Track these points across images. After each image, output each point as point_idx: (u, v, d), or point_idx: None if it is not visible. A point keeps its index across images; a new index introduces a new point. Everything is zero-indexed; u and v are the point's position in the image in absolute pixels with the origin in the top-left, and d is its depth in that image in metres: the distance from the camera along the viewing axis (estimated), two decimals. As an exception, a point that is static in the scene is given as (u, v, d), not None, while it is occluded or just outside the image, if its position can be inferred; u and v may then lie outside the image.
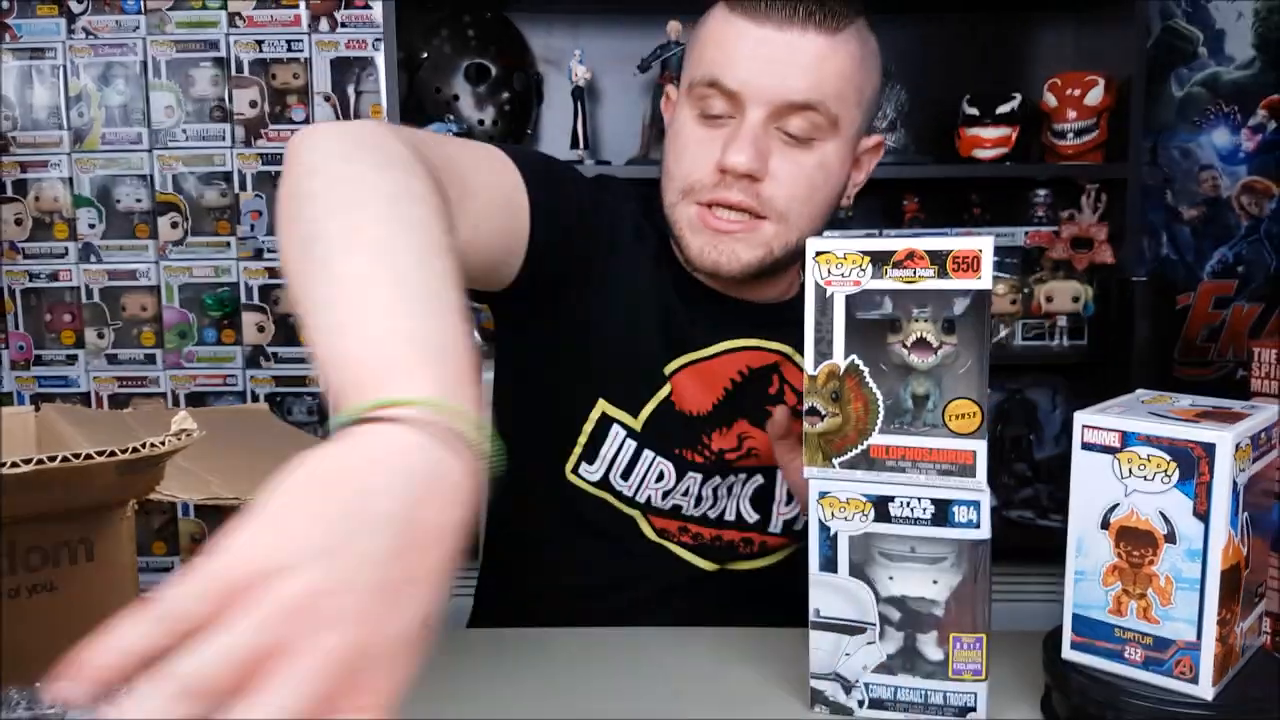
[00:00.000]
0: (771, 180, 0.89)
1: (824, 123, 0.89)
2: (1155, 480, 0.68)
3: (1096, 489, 0.71)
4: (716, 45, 0.90)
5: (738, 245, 0.90)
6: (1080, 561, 0.73)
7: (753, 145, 0.87)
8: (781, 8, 0.87)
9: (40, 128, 2.20)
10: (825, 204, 0.94)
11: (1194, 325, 2.23)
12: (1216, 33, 2.15)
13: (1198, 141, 2.19)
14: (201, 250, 2.23)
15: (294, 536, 0.40)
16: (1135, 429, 0.69)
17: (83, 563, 0.51)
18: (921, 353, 0.72)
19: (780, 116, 0.88)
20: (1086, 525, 0.72)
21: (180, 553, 2.29)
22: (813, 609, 0.77)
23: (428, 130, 1.34)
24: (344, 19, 2.19)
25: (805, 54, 0.87)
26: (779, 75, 0.87)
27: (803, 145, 0.90)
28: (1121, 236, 1.94)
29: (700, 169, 0.90)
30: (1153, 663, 0.70)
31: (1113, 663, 0.72)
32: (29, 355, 2.26)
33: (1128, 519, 0.70)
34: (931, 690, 0.74)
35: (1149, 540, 0.69)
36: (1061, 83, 1.97)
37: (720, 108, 0.89)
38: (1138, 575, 0.70)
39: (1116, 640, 0.72)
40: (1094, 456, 0.71)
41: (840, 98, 0.90)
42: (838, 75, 0.89)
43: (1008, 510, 2.10)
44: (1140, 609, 0.70)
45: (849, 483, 0.75)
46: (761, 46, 0.87)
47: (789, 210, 0.90)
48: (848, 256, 0.73)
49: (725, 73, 0.88)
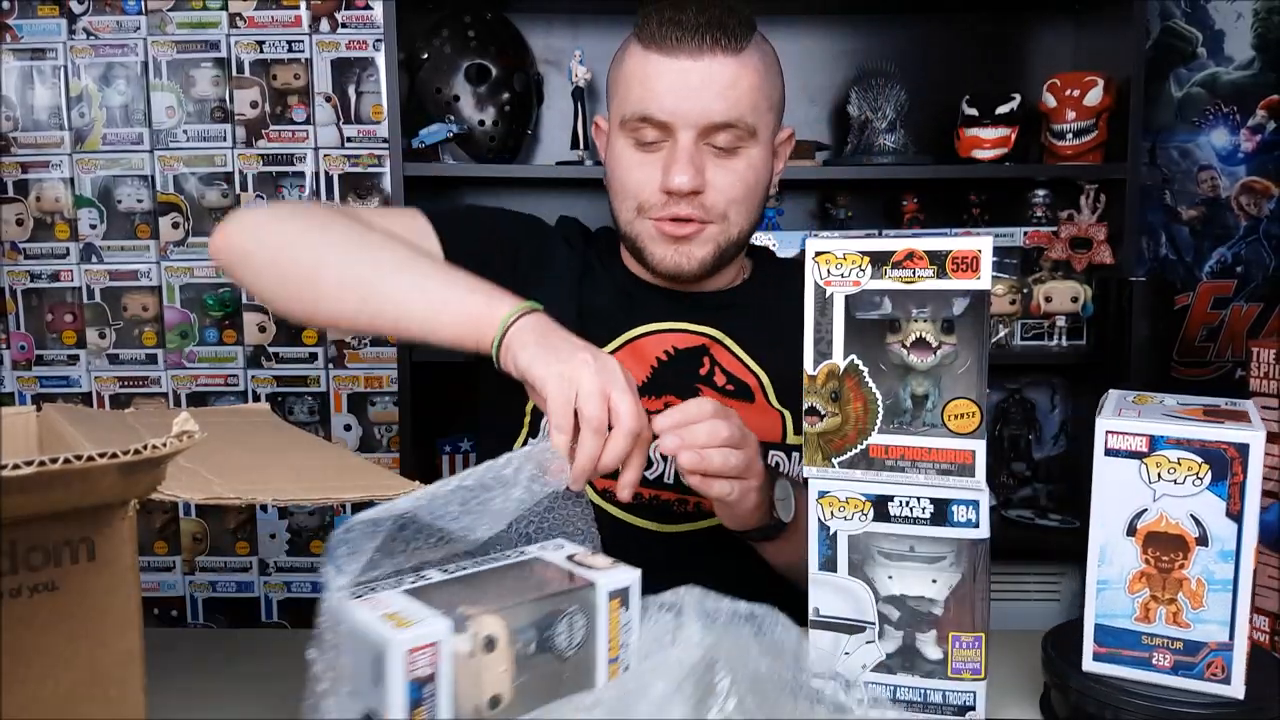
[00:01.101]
0: (710, 189, 1.02)
1: (745, 133, 1.01)
2: (1186, 483, 0.68)
3: (1122, 495, 0.69)
4: (640, 83, 1.01)
5: (693, 247, 1.04)
6: (1104, 570, 0.71)
7: (690, 165, 1.00)
8: (691, 39, 0.98)
9: (41, 128, 2.21)
10: (758, 199, 1.07)
11: (1193, 325, 2.23)
12: (1216, 33, 2.16)
13: (1197, 142, 2.19)
14: (203, 250, 2.23)
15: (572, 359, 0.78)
16: (1164, 432, 0.68)
17: (84, 562, 0.51)
18: (921, 353, 0.72)
19: (707, 135, 1.00)
20: (1111, 533, 0.70)
21: (181, 552, 2.29)
22: (812, 608, 0.77)
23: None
24: (344, 19, 2.19)
25: (719, 78, 0.99)
26: (700, 101, 0.99)
27: (730, 154, 1.02)
28: (1120, 237, 1.94)
29: (646, 190, 1.03)
30: (1182, 667, 0.70)
31: (1139, 671, 0.71)
32: (30, 355, 2.26)
33: (1156, 524, 0.69)
34: (931, 689, 0.75)
35: (1179, 544, 0.68)
36: (1061, 83, 1.97)
37: (653, 136, 1.02)
38: (1167, 580, 0.69)
39: (1143, 648, 0.71)
40: (1119, 463, 0.69)
41: (755, 109, 1.02)
42: (750, 90, 1.01)
43: (1007, 510, 2.10)
44: (1170, 614, 0.69)
45: (848, 482, 0.75)
46: (681, 78, 0.99)
47: (729, 211, 1.04)
48: (847, 257, 0.73)
49: (653, 107, 1.00)
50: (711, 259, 1.05)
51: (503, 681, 0.59)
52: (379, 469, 0.79)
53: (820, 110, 2.20)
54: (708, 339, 1.09)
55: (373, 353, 2.25)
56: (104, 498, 0.50)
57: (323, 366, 2.26)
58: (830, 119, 2.19)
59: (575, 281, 1.11)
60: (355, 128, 2.21)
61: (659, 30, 0.99)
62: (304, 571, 2.29)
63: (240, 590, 2.30)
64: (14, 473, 0.43)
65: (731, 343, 1.09)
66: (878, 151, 2.00)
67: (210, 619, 2.31)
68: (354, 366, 2.25)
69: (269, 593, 2.30)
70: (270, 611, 2.30)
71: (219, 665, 0.88)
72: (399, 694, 0.55)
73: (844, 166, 2.04)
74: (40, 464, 0.44)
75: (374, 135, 2.20)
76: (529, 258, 1.11)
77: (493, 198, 2.22)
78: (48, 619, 0.50)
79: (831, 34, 2.18)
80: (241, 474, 0.66)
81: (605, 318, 1.08)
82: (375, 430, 2.27)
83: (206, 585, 2.30)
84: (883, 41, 2.16)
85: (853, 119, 2.07)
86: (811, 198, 2.22)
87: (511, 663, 0.60)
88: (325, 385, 2.26)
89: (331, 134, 2.21)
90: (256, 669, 0.87)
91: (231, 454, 0.74)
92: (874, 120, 2.02)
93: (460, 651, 0.57)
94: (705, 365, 1.08)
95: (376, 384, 2.26)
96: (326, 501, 0.68)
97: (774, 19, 2.14)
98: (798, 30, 2.17)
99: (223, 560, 2.30)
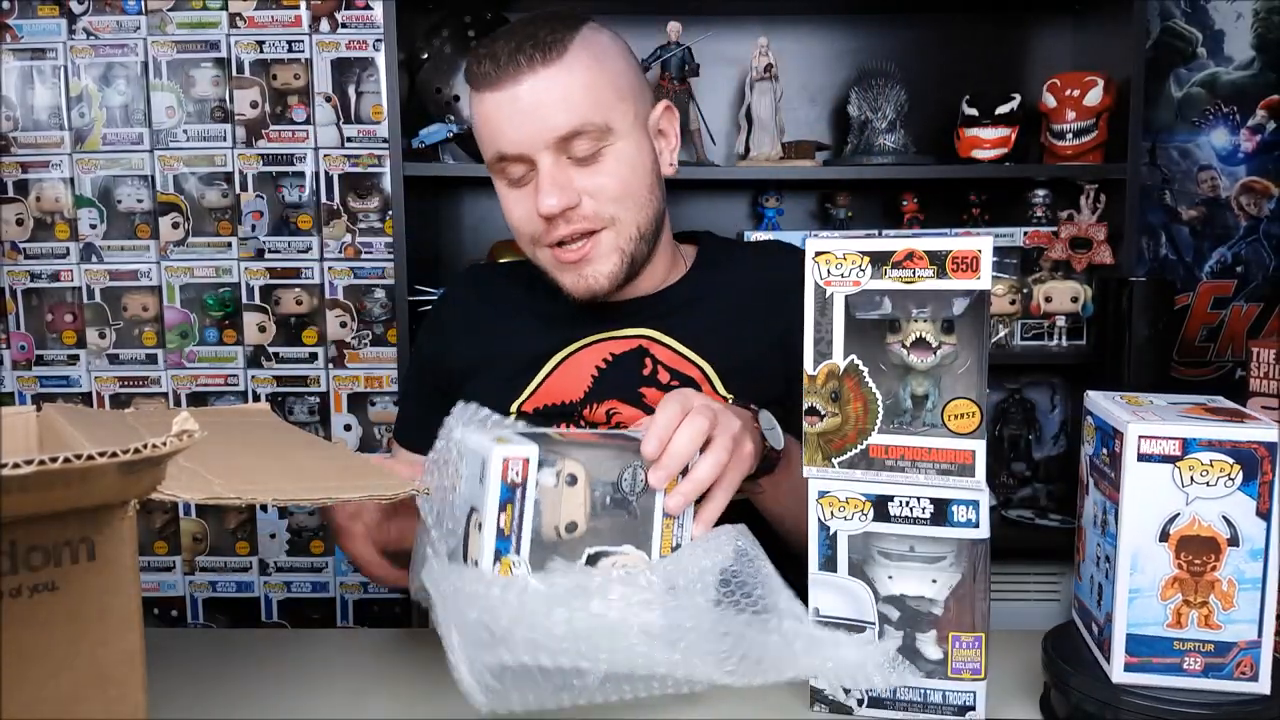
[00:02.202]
0: (587, 199, 1.01)
1: (598, 133, 1.00)
2: (1218, 485, 0.67)
3: (1155, 501, 0.69)
4: (484, 125, 1.02)
5: (595, 265, 1.03)
6: (1136, 579, 0.70)
7: (554, 186, 0.99)
8: (508, 64, 0.98)
9: (41, 128, 2.21)
10: (645, 188, 1.05)
11: (1193, 325, 2.23)
12: (1216, 33, 2.16)
13: (1196, 142, 2.19)
14: (203, 250, 2.23)
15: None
16: (1196, 435, 0.67)
17: (84, 562, 0.51)
18: (921, 353, 0.72)
19: (562, 148, 0.99)
20: (1142, 540, 0.69)
21: (181, 552, 2.29)
22: (812, 608, 0.77)
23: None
24: (344, 19, 2.19)
25: (549, 91, 0.98)
26: (538, 120, 0.98)
27: (594, 160, 1.01)
28: (1120, 237, 1.94)
29: (530, 222, 1.03)
30: (1212, 669, 0.69)
31: (1170, 677, 0.70)
32: (30, 355, 2.26)
33: (1189, 528, 0.68)
34: (930, 689, 0.75)
35: (1211, 546, 0.68)
36: (1061, 83, 1.97)
37: (519, 170, 1.02)
38: (1199, 584, 0.69)
39: (1175, 654, 0.70)
40: (1152, 468, 0.68)
41: (599, 105, 1.00)
42: (584, 90, 0.99)
43: (1007, 510, 2.10)
44: (1201, 617, 0.69)
45: (848, 482, 0.75)
46: (515, 104, 0.98)
47: (616, 212, 1.02)
48: (847, 257, 0.73)
49: (502, 143, 1.00)
50: (620, 269, 1.04)
51: (579, 513, 0.74)
52: (379, 469, 0.79)
53: (820, 110, 2.20)
54: (644, 339, 1.09)
55: (373, 353, 2.25)
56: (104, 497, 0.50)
57: (323, 366, 2.26)
58: (830, 119, 2.19)
59: (479, 333, 1.16)
60: (355, 128, 2.21)
61: (479, 69, 1.00)
62: (304, 571, 2.29)
63: (240, 590, 2.30)
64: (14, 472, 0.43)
65: (669, 339, 1.09)
66: (878, 151, 2.00)
67: (210, 619, 2.31)
68: (354, 366, 2.25)
69: (269, 593, 2.30)
70: (270, 611, 2.30)
71: (219, 665, 0.88)
72: (494, 491, 0.71)
73: (844, 166, 2.04)
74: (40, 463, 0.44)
75: (374, 135, 2.20)
76: (447, 359, 1.17)
77: (492, 198, 2.21)
78: (48, 619, 0.49)
79: (831, 34, 2.18)
80: (241, 474, 0.66)
81: (534, 344, 1.11)
82: (375, 430, 2.27)
83: (206, 585, 2.30)
84: (883, 41, 2.16)
85: (853, 119, 2.07)
86: (811, 198, 2.22)
87: (588, 500, 0.74)
88: (325, 385, 2.26)
89: (331, 134, 2.21)
90: (256, 669, 0.87)
91: (231, 454, 0.74)
92: (874, 120, 2.02)
93: (546, 484, 0.72)
94: (648, 366, 1.08)
95: (376, 384, 2.26)
96: (326, 501, 0.69)
97: (774, 19, 2.15)
98: (798, 30, 2.17)
99: (223, 560, 2.30)
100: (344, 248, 2.23)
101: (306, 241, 2.23)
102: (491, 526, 0.71)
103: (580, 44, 1.00)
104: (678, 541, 0.78)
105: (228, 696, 0.82)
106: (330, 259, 2.23)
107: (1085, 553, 0.78)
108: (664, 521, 0.77)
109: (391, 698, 0.82)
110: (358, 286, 2.24)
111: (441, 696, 0.82)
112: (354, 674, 0.86)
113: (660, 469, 0.76)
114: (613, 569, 0.74)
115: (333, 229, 2.23)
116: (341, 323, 2.25)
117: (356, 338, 2.25)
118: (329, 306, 2.24)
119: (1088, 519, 0.78)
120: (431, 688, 0.83)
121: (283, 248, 2.23)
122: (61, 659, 0.50)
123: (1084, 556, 0.79)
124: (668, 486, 0.77)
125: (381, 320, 2.24)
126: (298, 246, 2.23)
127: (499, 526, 0.71)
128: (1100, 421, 0.75)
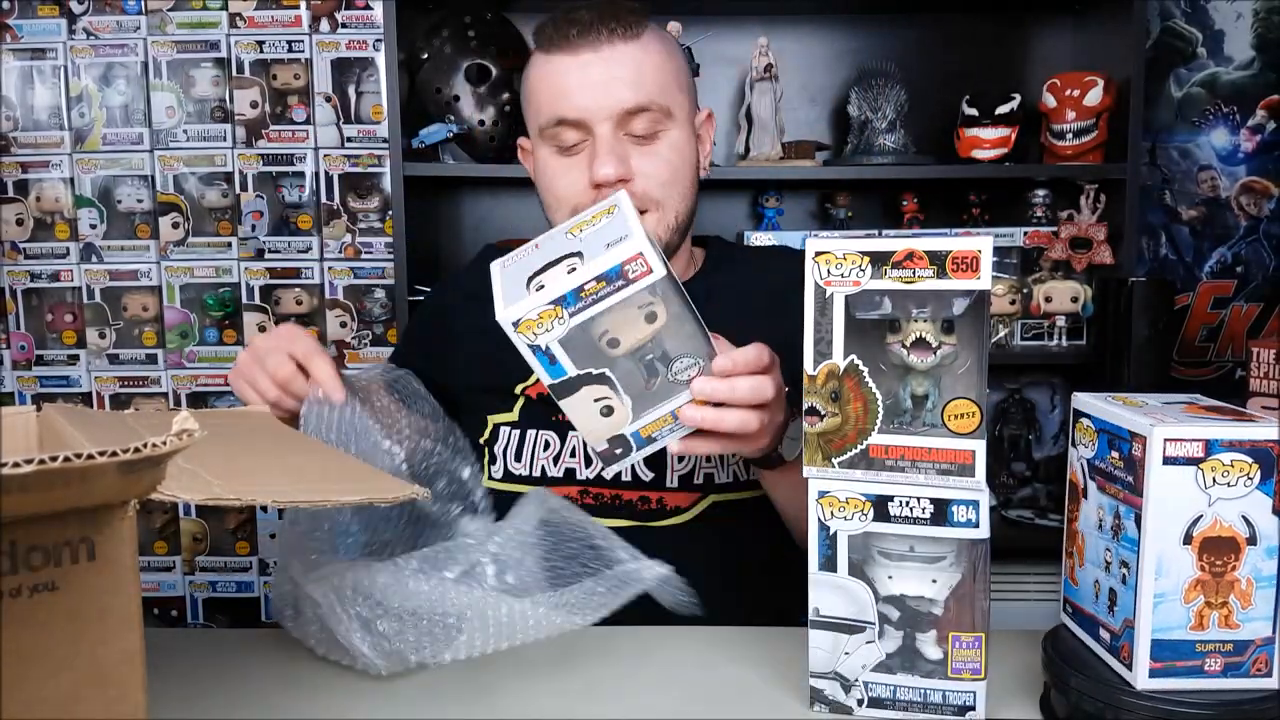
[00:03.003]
0: (639, 177, 1.02)
1: (660, 115, 1.02)
2: (1238, 485, 0.67)
3: (1179, 504, 0.68)
4: (548, 88, 1.03)
5: None
6: (1160, 584, 0.69)
7: (612, 155, 1.00)
8: (589, 32, 1.00)
9: (41, 128, 2.21)
10: (688, 180, 1.08)
11: (1193, 325, 2.23)
12: (1216, 33, 2.16)
13: (1196, 142, 2.19)
14: (203, 250, 2.23)
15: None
16: (1218, 435, 0.67)
17: (84, 562, 0.51)
18: (921, 353, 0.72)
19: (624, 123, 1.01)
20: (1166, 544, 0.69)
21: (181, 552, 2.29)
22: (812, 608, 0.77)
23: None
24: (344, 19, 2.19)
25: (622, 65, 1.01)
26: (609, 90, 1.00)
27: (651, 140, 1.03)
28: (1120, 237, 1.94)
29: (576, 190, 1.03)
30: (1231, 668, 0.70)
31: (1192, 680, 0.70)
32: (30, 355, 2.26)
33: (1211, 529, 0.68)
34: (930, 689, 0.75)
35: (1231, 546, 0.68)
36: (1061, 83, 1.97)
37: (572, 138, 1.03)
38: (1219, 584, 0.69)
39: (1197, 656, 0.70)
40: (1176, 471, 0.68)
41: (665, 89, 1.03)
42: (655, 70, 1.02)
43: (1006, 510, 2.10)
44: (1221, 618, 0.69)
45: (848, 482, 0.75)
46: (584, 72, 1.01)
47: (662, 196, 1.04)
48: (847, 257, 0.73)
49: (564, 106, 1.01)
50: None
51: (629, 342, 0.78)
52: (378, 471, 0.79)
53: (820, 110, 2.20)
54: None
55: (373, 353, 2.25)
56: (104, 497, 0.50)
57: (323, 366, 2.25)
58: (830, 119, 2.19)
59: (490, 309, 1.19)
60: (355, 128, 2.21)
61: (556, 32, 1.02)
62: (304, 571, 2.29)
63: (240, 590, 2.30)
64: (14, 471, 0.43)
65: None
66: (878, 151, 2.00)
67: (210, 619, 2.31)
68: (354, 367, 2.25)
69: (269, 593, 2.30)
70: (270, 611, 2.30)
71: (219, 665, 0.88)
72: (607, 261, 0.75)
73: (844, 166, 2.04)
74: (40, 463, 0.44)
75: (374, 135, 2.20)
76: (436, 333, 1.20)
77: (492, 198, 2.22)
78: (48, 619, 0.49)
79: (831, 34, 2.18)
80: (241, 475, 0.67)
81: None
82: (375, 430, 2.27)
83: (206, 585, 2.30)
84: (883, 41, 2.16)
85: (853, 119, 2.07)
86: (811, 198, 2.22)
87: (641, 342, 0.78)
88: (325, 385, 2.26)
89: (331, 134, 2.21)
90: (256, 669, 0.87)
91: (231, 455, 0.74)
92: (874, 120, 2.02)
93: (635, 299, 0.76)
94: None
95: (376, 384, 2.26)
96: (325, 503, 0.69)
97: (774, 19, 2.15)
98: (798, 30, 2.17)
99: (223, 560, 2.30)
100: (344, 248, 2.23)
101: (306, 241, 2.23)
102: (584, 275, 0.75)
103: (653, 31, 1.05)
104: (658, 436, 0.84)
105: (228, 696, 0.82)
106: (330, 259, 2.23)
107: (1084, 557, 0.78)
108: (665, 415, 0.82)
109: (390, 697, 0.82)
110: (358, 286, 2.24)
111: (441, 696, 0.82)
112: (353, 674, 0.86)
113: (710, 385, 0.80)
114: (596, 399, 0.81)
115: (333, 229, 2.23)
116: (341, 323, 2.25)
117: (356, 338, 2.25)
118: (329, 306, 2.24)
119: (1087, 523, 0.77)
120: (431, 687, 0.83)
121: (283, 248, 2.23)
122: (61, 659, 0.50)
123: (1083, 561, 0.78)
124: (698, 400, 0.80)
125: (381, 320, 2.24)
126: (298, 246, 2.23)
127: (584, 282, 0.75)
128: (1103, 424, 0.74)
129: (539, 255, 0.81)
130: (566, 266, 0.77)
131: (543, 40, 1.04)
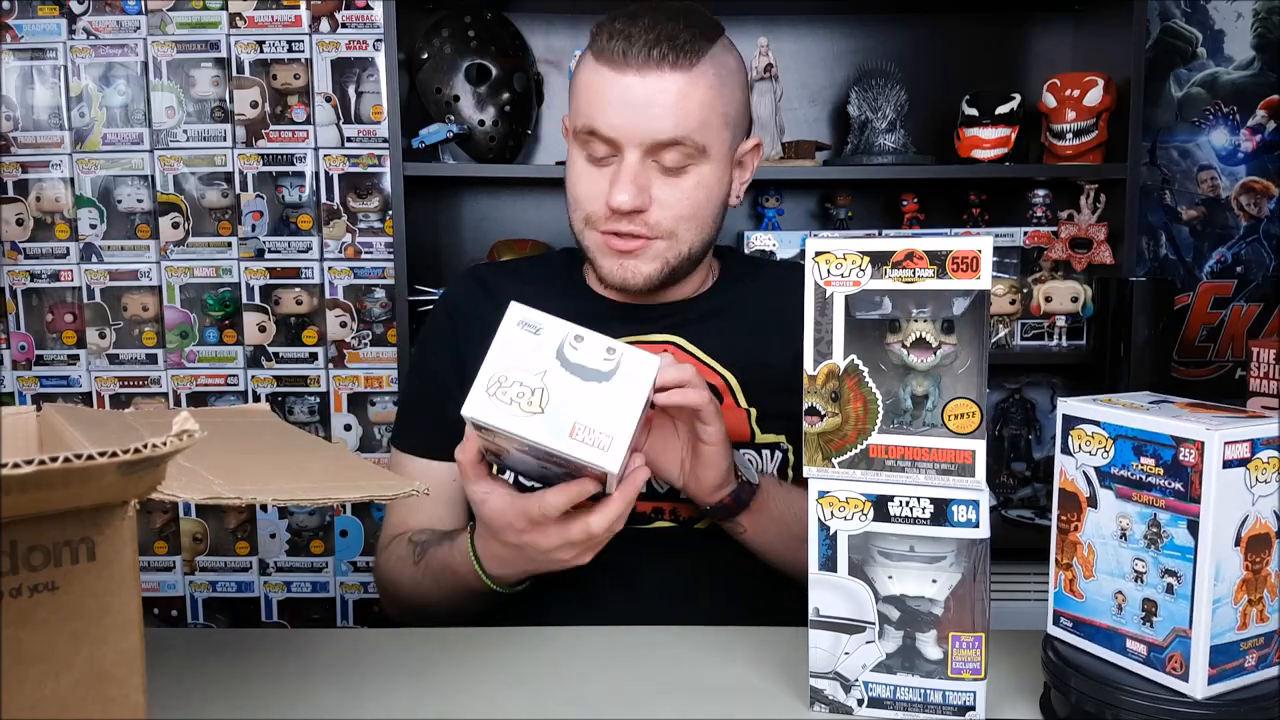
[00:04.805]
0: (656, 207, 1.01)
1: (694, 151, 0.99)
2: (1272, 482, 0.68)
3: (1233, 507, 0.68)
4: (589, 96, 1.00)
5: (639, 262, 1.03)
6: (1218, 589, 0.68)
7: (633, 184, 0.98)
8: (639, 54, 0.96)
9: (41, 128, 2.21)
10: (710, 215, 1.06)
11: (1193, 325, 2.23)
12: (1215, 33, 2.16)
13: (1196, 142, 2.19)
14: (203, 250, 2.23)
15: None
16: (1258, 434, 0.67)
17: (84, 562, 0.51)
18: (921, 353, 0.72)
19: (654, 152, 0.99)
20: (1223, 548, 0.68)
21: (181, 552, 2.29)
22: (812, 608, 0.77)
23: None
24: (344, 19, 2.19)
25: (666, 95, 0.97)
26: (646, 118, 0.97)
27: (679, 173, 1.00)
28: (1120, 237, 1.94)
29: (593, 204, 1.02)
30: (1263, 661, 0.70)
31: (1238, 679, 0.70)
32: (30, 355, 2.26)
33: (1254, 529, 0.68)
34: (930, 689, 0.75)
35: (1267, 543, 0.69)
36: (1060, 83, 1.97)
37: (602, 150, 1.00)
38: (1257, 581, 0.69)
39: (1240, 655, 0.70)
40: (1231, 474, 0.67)
41: (704, 126, 0.99)
42: (699, 107, 0.98)
43: (1007, 510, 2.10)
44: (1258, 614, 0.69)
45: (848, 482, 0.75)
46: (627, 93, 0.97)
47: (676, 229, 1.02)
48: (847, 257, 0.73)
49: (599, 121, 0.99)
50: (659, 274, 1.04)
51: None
52: (379, 469, 0.79)
53: (820, 110, 2.20)
54: (670, 345, 1.09)
55: (373, 353, 2.25)
56: (104, 497, 0.50)
57: (323, 366, 2.26)
58: (830, 119, 2.19)
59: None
60: (355, 128, 2.21)
61: (608, 43, 0.98)
62: (304, 571, 2.29)
63: (240, 590, 2.30)
64: (14, 471, 0.43)
65: (694, 347, 1.09)
66: (878, 151, 2.00)
67: (210, 619, 2.31)
68: (354, 366, 2.25)
69: (269, 593, 2.30)
70: (270, 611, 2.30)
71: (219, 665, 0.88)
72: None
73: (844, 166, 2.04)
74: (40, 463, 0.44)
75: (374, 135, 2.20)
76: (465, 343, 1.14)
77: (492, 198, 2.22)
78: (48, 619, 0.49)
79: (831, 34, 2.18)
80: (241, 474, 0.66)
81: None
82: (375, 430, 2.27)
83: (206, 585, 2.30)
84: (883, 41, 2.16)
85: (853, 119, 2.07)
86: (811, 198, 2.22)
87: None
88: (325, 385, 2.26)
89: (331, 134, 2.21)
90: (256, 669, 0.87)
91: (231, 454, 0.74)
92: (874, 120, 2.02)
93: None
94: None
95: (376, 384, 2.26)
96: (326, 502, 0.68)
97: (774, 19, 2.15)
98: (798, 30, 2.17)
99: (223, 560, 2.30)
100: (344, 248, 2.23)
101: (306, 241, 2.23)
102: (556, 444, 0.76)
103: (710, 60, 0.99)
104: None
105: (228, 696, 0.82)
106: (330, 259, 2.23)
107: (1094, 568, 0.75)
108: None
109: (391, 698, 0.82)
110: (358, 286, 2.24)
111: (441, 696, 0.82)
112: (354, 674, 0.86)
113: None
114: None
115: (333, 229, 2.23)
116: (341, 323, 2.25)
117: (356, 338, 2.25)
118: (329, 306, 2.24)
119: (1099, 533, 0.75)
120: (431, 688, 0.83)
121: (283, 248, 2.23)
122: (61, 659, 0.50)
123: (1091, 573, 0.76)
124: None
125: (381, 320, 2.24)
126: (298, 246, 2.23)
127: (552, 449, 0.76)
128: (1120, 429, 0.72)
129: (555, 353, 0.79)
130: (562, 391, 0.77)
131: (596, 42, 1.00)
